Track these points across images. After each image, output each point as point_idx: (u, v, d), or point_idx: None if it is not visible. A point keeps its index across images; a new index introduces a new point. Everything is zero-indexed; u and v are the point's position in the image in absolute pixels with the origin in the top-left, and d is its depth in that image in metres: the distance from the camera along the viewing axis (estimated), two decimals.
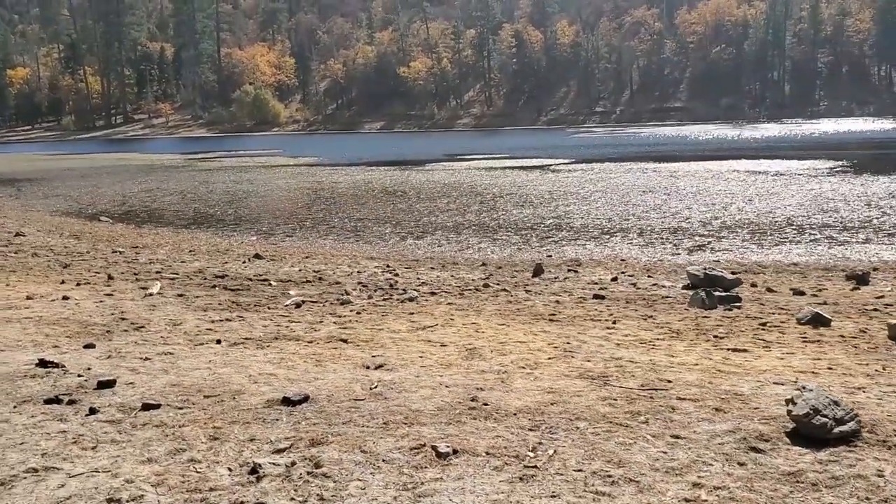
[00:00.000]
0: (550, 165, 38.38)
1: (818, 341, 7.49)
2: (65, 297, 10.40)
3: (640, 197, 23.20)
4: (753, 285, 11.03)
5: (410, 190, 28.04)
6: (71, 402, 5.80)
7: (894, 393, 5.65)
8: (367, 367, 6.79)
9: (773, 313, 8.96)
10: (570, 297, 10.37)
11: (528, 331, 8.25)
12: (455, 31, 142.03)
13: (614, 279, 11.85)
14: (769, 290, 10.67)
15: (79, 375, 6.54)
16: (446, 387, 6.12)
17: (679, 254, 14.48)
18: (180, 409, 5.62)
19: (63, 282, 11.86)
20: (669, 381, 6.11)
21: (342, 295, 10.86)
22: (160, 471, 4.48)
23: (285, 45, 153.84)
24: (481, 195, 25.38)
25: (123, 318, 9.14)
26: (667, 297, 10.29)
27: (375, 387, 6.13)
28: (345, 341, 7.86)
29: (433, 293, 10.88)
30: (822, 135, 62.82)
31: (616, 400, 5.63)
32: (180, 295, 10.83)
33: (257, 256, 14.97)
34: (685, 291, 10.64)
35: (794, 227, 17.00)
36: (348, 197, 26.48)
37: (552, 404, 5.54)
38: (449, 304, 10.06)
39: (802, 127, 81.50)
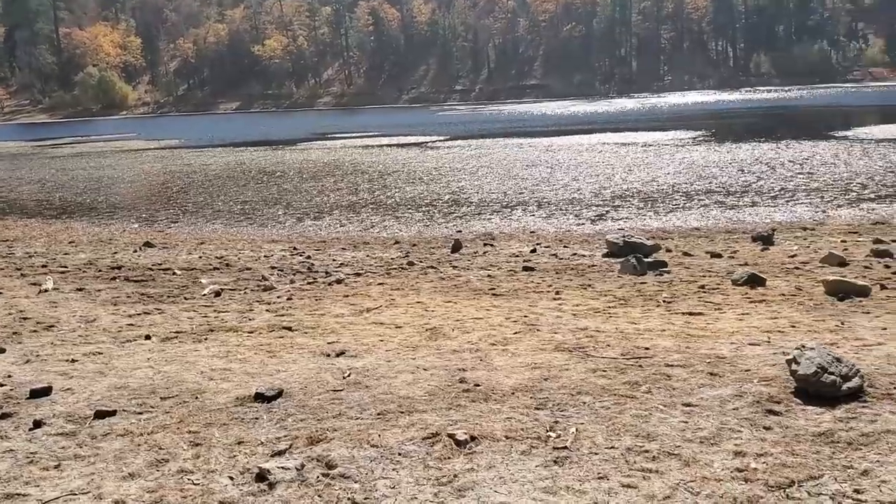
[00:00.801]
0: (426, 143, 38.23)
1: (764, 301, 7.68)
2: None
3: (527, 171, 23.43)
4: (668, 250, 11.27)
5: (290, 170, 27.12)
6: (4, 416, 5.09)
7: (867, 347, 5.84)
8: (328, 356, 6.35)
9: (704, 276, 9.16)
10: (499, 271, 10.22)
11: (478, 306, 8.03)
12: (311, 8, 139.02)
13: (533, 251, 11.81)
14: (686, 254, 10.94)
15: (0, 385, 5.77)
16: (425, 370, 5.80)
17: (583, 224, 14.66)
18: (140, 414, 5.03)
19: None
20: (647, 349, 6.05)
21: (260, 281, 10.24)
22: (152, 486, 3.95)
23: (130, 24, 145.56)
24: (367, 173, 24.88)
25: (26, 318, 8.22)
26: (592, 265, 10.34)
27: (348, 375, 5.73)
28: (289, 329, 7.35)
29: (358, 274, 10.45)
30: (673, 107, 65.95)
31: (606, 371, 5.50)
32: (79, 289, 9.89)
33: (148, 245, 13.95)
34: (607, 259, 10.74)
35: (681, 193, 17.62)
36: (225, 179, 25.30)
37: (545, 380, 5.34)
38: (380, 284, 9.68)
39: (652, 100, 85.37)
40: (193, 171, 28.22)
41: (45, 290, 9.84)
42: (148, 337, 7.25)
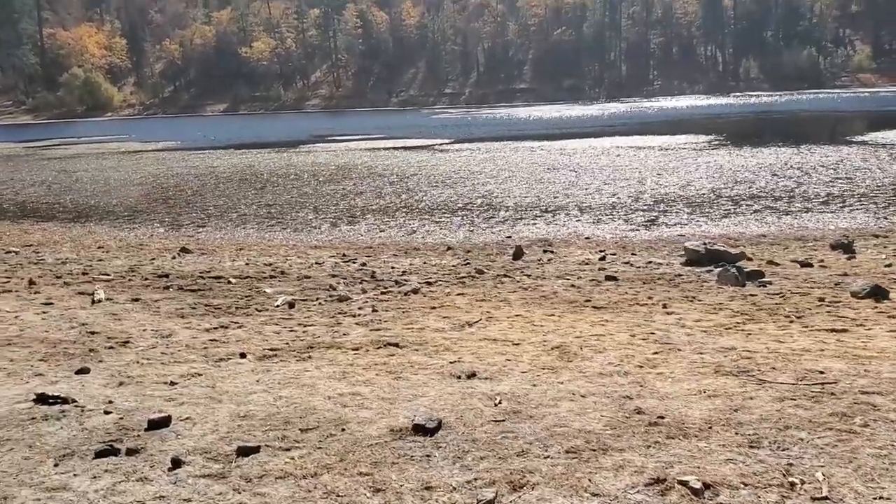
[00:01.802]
0: (432, 145, 37.61)
1: None
2: None
3: (551, 174, 22.88)
4: (749, 259, 10.72)
5: (303, 173, 26.40)
6: (132, 452, 4.46)
7: None
8: (458, 378, 5.74)
9: (813, 288, 8.61)
10: (580, 280, 9.63)
11: (589, 321, 7.42)
12: (298, 10, 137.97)
13: (602, 258, 11.24)
14: (771, 262, 10.39)
15: (106, 413, 5.14)
16: (583, 396, 5.20)
17: (638, 230, 14.11)
18: (288, 450, 4.41)
19: None
20: (822, 373, 5.48)
21: (328, 290, 9.60)
22: None
23: (115, 25, 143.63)
24: (385, 176, 24.22)
25: (93, 332, 7.55)
26: (680, 275, 9.77)
27: (499, 402, 5.13)
28: (396, 345, 6.72)
29: (429, 283, 9.83)
30: (668, 111, 65.67)
31: (797, 400, 4.93)
32: (135, 299, 9.22)
33: (185, 250, 13.24)
34: (691, 269, 10.18)
35: (725, 198, 17.12)
36: (238, 182, 24.54)
37: (735, 411, 4.76)
38: (460, 294, 9.06)
39: (645, 104, 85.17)
40: (202, 174, 27.43)
41: (99, 301, 9.16)
42: (243, 355, 6.60)
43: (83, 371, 6.24)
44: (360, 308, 8.47)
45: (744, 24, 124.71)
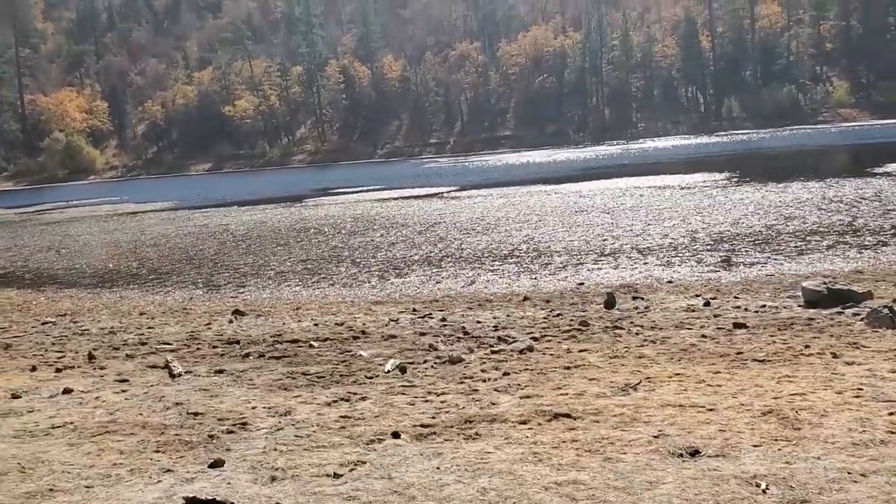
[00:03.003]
0: (440, 193, 36.96)
1: None
2: (67, 391, 7.58)
3: (584, 217, 22.16)
4: (880, 297, 9.88)
5: (323, 226, 25.53)
6: None
7: None
8: (681, 456, 4.81)
9: None
10: (707, 330, 8.73)
11: (766, 376, 6.52)
12: (281, 68, 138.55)
13: (707, 304, 10.36)
14: None
15: None
16: (863, 475, 4.28)
17: (717, 271, 13.29)
18: None
19: (33, 368, 8.83)
20: None
21: (429, 350, 8.65)
22: None
23: (95, 88, 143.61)
24: (409, 226, 23.39)
25: (196, 413, 6.57)
26: (812, 319, 8.91)
27: (767, 488, 4.20)
28: (568, 416, 5.79)
29: (536, 339, 8.90)
30: (661, 151, 65.64)
31: None
32: (218, 371, 8.24)
33: (238, 313, 12.24)
34: (813, 311, 9.34)
35: (788, 234, 16.42)
36: (258, 238, 23.61)
37: None
38: (583, 350, 8.14)
39: (635, 146, 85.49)
40: (216, 232, 26.47)
41: (178, 375, 8.16)
42: (396, 435, 5.64)
43: (217, 464, 5.24)
44: (482, 370, 7.53)
45: (722, 64, 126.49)
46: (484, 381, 7.13)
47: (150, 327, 11.50)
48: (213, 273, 17.56)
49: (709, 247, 15.73)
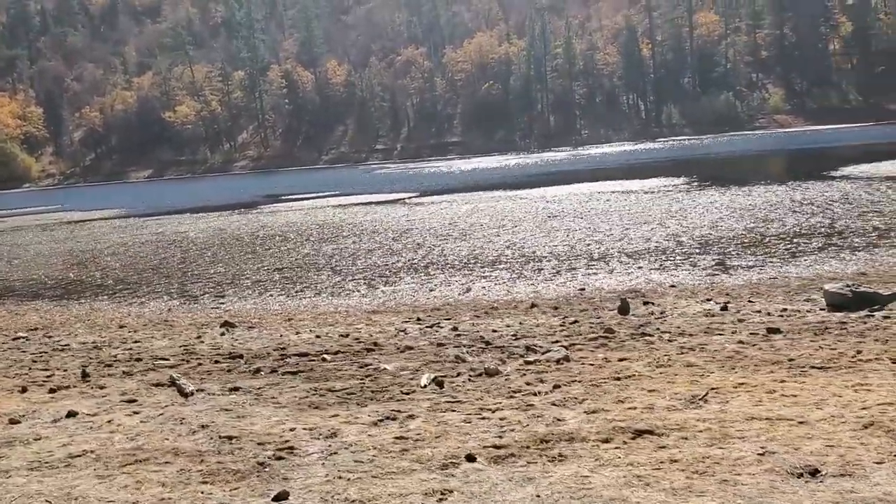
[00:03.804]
0: (401, 199, 36.47)
1: None
2: (71, 414, 6.93)
3: (558, 223, 21.95)
4: None
5: (287, 233, 24.79)
6: None
7: None
8: (801, 476, 4.48)
9: None
10: (743, 335, 8.48)
11: (839, 385, 6.25)
12: (223, 72, 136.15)
13: (724, 308, 10.14)
14: None
15: None
16: None
17: (717, 274, 13.14)
18: None
19: (23, 389, 8.10)
20: None
21: (456, 362, 8.20)
22: None
23: (29, 94, 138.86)
24: (381, 232, 22.85)
25: (230, 438, 6.05)
26: (843, 322, 8.74)
27: None
28: (652, 433, 5.42)
29: (566, 348, 8.52)
30: (609, 157, 66.28)
31: None
32: (233, 389, 7.67)
33: (229, 325, 11.58)
34: (840, 314, 9.19)
35: (774, 237, 16.42)
36: (223, 246, 22.76)
37: None
38: (623, 359, 7.79)
39: (583, 152, 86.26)
40: (176, 240, 25.48)
41: (191, 394, 7.54)
42: (471, 458, 5.18)
43: (282, 496, 4.72)
44: (526, 383, 7.10)
45: (662, 72, 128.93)
46: (534, 394, 6.71)
47: (136, 341, 10.76)
48: (185, 282, 16.74)
49: (697, 250, 15.61)
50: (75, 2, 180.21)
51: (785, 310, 9.79)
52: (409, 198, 37.30)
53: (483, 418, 6.12)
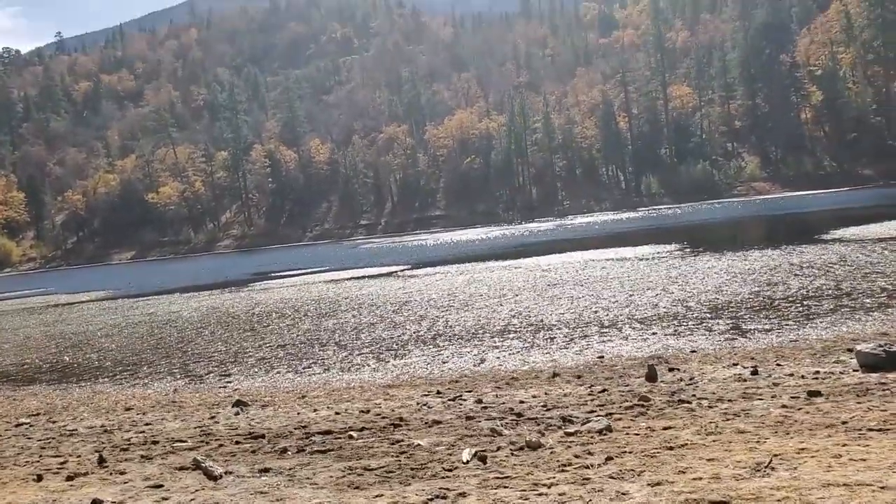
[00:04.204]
0: (394, 273, 36.28)
1: None
2: (96, 502, 6.52)
3: (559, 290, 21.81)
4: None
5: (284, 310, 24.44)
6: None
7: None
8: None
9: None
10: (783, 399, 8.26)
11: None
12: (206, 153, 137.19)
13: (755, 372, 9.92)
14: None
15: None
16: None
17: (735, 338, 12.96)
18: None
19: (38, 477, 7.67)
20: None
21: (492, 435, 7.89)
22: None
23: (10, 179, 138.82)
24: (379, 306, 22.56)
25: None
26: (883, 383, 8.55)
27: None
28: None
29: (606, 416, 8.24)
30: (594, 226, 66.75)
31: None
32: (263, 470, 7.32)
33: (241, 404, 11.18)
34: (875, 374, 9.00)
35: (783, 301, 16.32)
36: (220, 325, 22.36)
37: None
38: (666, 428, 7.52)
39: (567, 222, 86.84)
40: (171, 320, 25.04)
41: (219, 477, 7.16)
42: None
43: None
44: (574, 455, 6.81)
45: (640, 143, 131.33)
46: (586, 467, 6.41)
47: (147, 423, 10.34)
48: (187, 362, 16.31)
49: (708, 315, 15.46)
50: (58, 88, 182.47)
51: (818, 372, 9.58)
52: (402, 270, 37.14)
53: (540, 494, 5.81)
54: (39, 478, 7.68)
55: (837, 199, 71.45)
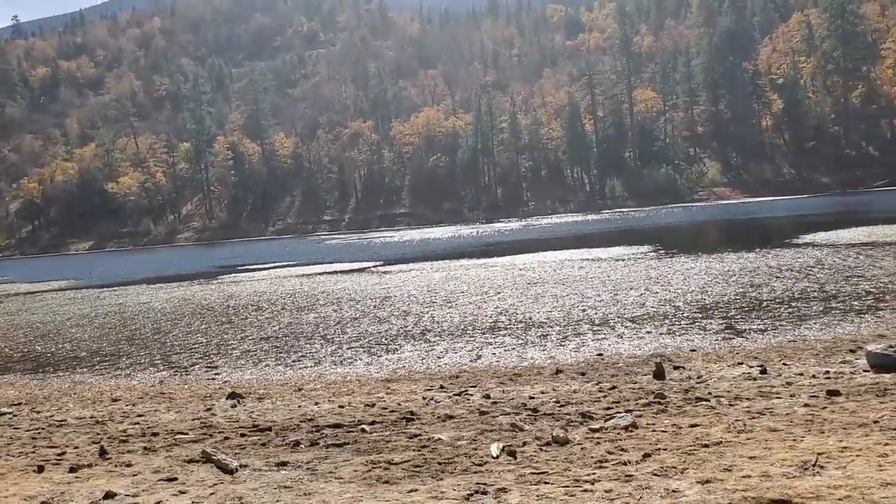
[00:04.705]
0: (366, 268, 35.93)
1: None
2: (110, 495, 6.23)
3: (541, 289, 21.73)
4: None
5: (260, 302, 23.99)
6: None
7: None
8: None
9: None
10: (802, 398, 8.19)
11: None
12: (168, 144, 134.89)
13: (763, 371, 9.88)
14: None
15: None
16: None
17: (732, 338, 12.95)
18: None
19: (39, 468, 7.28)
20: None
21: (514, 430, 7.70)
22: None
23: None
24: (359, 301, 22.25)
25: None
26: None
27: None
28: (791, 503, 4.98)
29: (629, 412, 8.11)
30: (561, 226, 67.01)
31: None
32: (280, 464, 7.02)
33: (236, 396, 10.84)
34: (888, 375, 9.01)
35: (771, 302, 16.41)
36: (195, 316, 21.85)
37: None
38: (694, 425, 7.40)
39: (534, 223, 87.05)
40: (142, 311, 24.42)
41: (234, 470, 6.87)
42: None
43: None
44: (608, 452, 6.65)
45: (604, 146, 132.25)
46: (624, 463, 6.25)
47: (139, 415, 9.96)
48: (168, 353, 15.85)
49: (698, 314, 15.47)
50: (14, 73, 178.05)
51: (828, 372, 9.57)
52: (374, 266, 36.80)
53: (585, 491, 5.63)
54: (41, 469, 7.30)
55: (797, 205, 72.65)
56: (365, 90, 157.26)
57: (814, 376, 9.38)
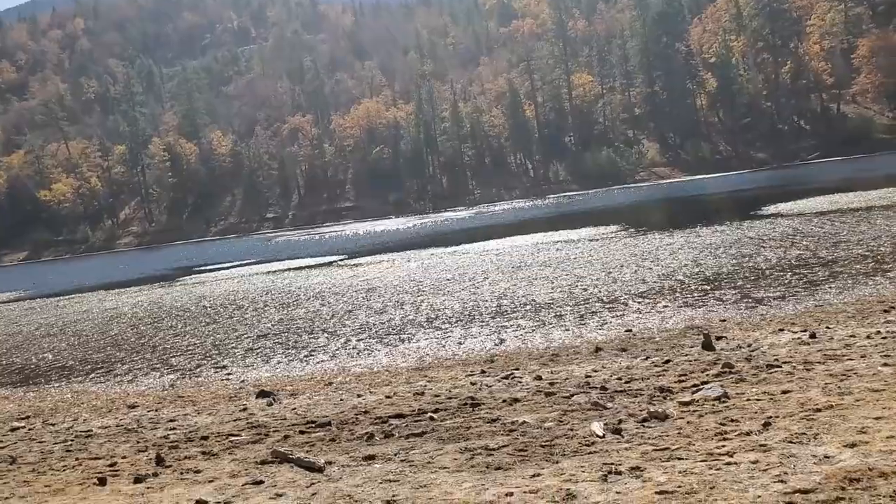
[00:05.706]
0: (335, 262, 35.31)
1: None
2: (201, 503, 5.65)
3: (531, 272, 21.52)
4: None
5: (238, 301, 23.23)
6: None
7: None
8: None
9: None
10: (870, 358, 8.08)
11: None
12: (101, 147, 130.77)
13: (813, 336, 9.77)
14: None
15: None
16: None
17: (755, 306, 12.95)
18: None
19: (100, 481, 6.70)
20: None
21: (598, 408, 7.38)
22: None
23: None
24: (344, 294, 21.70)
25: None
26: None
27: None
28: None
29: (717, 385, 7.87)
30: (513, 213, 67.15)
31: None
32: (368, 457, 6.63)
33: (269, 394, 10.28)
34: None
35: (771, 269, 16.50)
36: (176, 318, 21.02)
37: None
38: (786, 391, 7.19)
39: (486, 210, 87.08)
40: (113, 316, 23.42)
41: (321, 468, 6.44)
42: None
43: None
44: (720, 423, 6.41)
45: (546, 132, 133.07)
46: (746, 433, 5.99)
47: (170, 420, 9.35)
48: (164, 357, 15.11)
49: (707, 286, 15.43)
50: None
51: (879, 332, 9.51)
52: (341, 260, 36.14)
53: (729, 464, 5.35)
54: (102, 481, 6.70)
55: (740, 180, 74.15)
56: (301, 84, 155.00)
57: (868, 336, 9.30)
